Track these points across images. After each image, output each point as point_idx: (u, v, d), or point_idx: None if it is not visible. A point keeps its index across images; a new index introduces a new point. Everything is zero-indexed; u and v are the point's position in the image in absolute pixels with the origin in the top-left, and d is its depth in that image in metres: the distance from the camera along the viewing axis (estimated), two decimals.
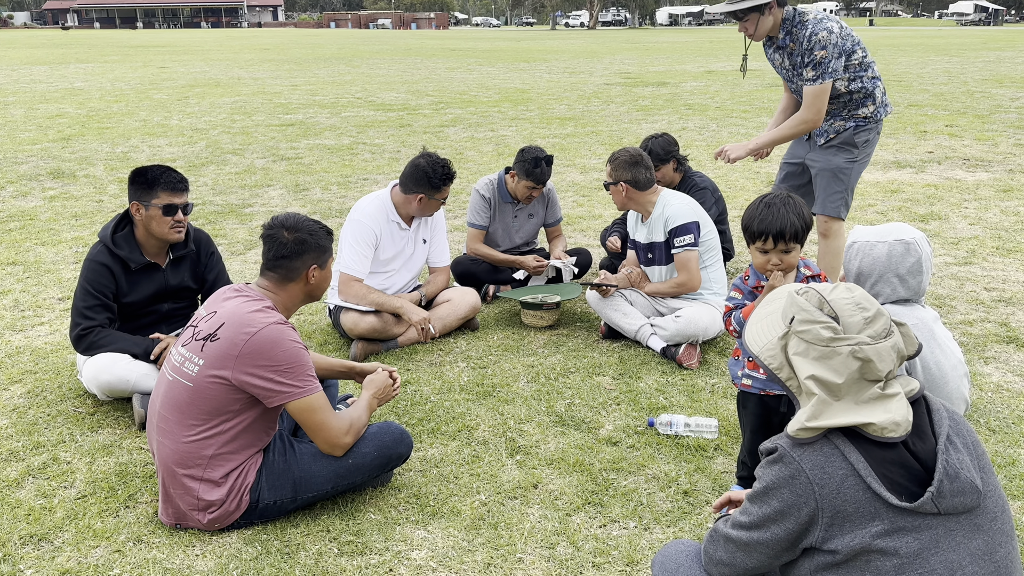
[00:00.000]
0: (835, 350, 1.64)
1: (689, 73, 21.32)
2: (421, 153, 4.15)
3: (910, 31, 63.27)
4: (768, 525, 1.70)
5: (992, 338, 4.15)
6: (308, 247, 2.67)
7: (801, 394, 1.72)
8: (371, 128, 11.77)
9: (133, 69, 23.68)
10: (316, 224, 2.73)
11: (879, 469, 1.61)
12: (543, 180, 4.64)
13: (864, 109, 4.19)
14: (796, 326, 1.69)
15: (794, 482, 1.64)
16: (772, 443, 1.71)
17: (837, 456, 1.63)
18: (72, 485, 2.89)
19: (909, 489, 1.61)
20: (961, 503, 1.60)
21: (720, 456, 3.08)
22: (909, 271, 2.71)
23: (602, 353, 4.05)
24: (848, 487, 1.60)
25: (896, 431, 1.62)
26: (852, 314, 1.67)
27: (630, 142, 10.35)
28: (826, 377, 1.65)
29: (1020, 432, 3.22)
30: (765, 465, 1.72)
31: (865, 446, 1.63)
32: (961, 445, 1.66)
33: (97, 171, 8.62)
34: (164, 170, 3.36)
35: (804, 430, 1.65)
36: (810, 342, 1.67)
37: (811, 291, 1.74)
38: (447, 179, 4.10)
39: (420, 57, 30.26)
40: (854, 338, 1.64)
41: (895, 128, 11.21)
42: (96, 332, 3.34)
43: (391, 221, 4.19)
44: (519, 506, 2.77)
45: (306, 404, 2.53)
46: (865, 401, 1.64)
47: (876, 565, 1.59)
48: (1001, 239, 5.90)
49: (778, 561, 1.75)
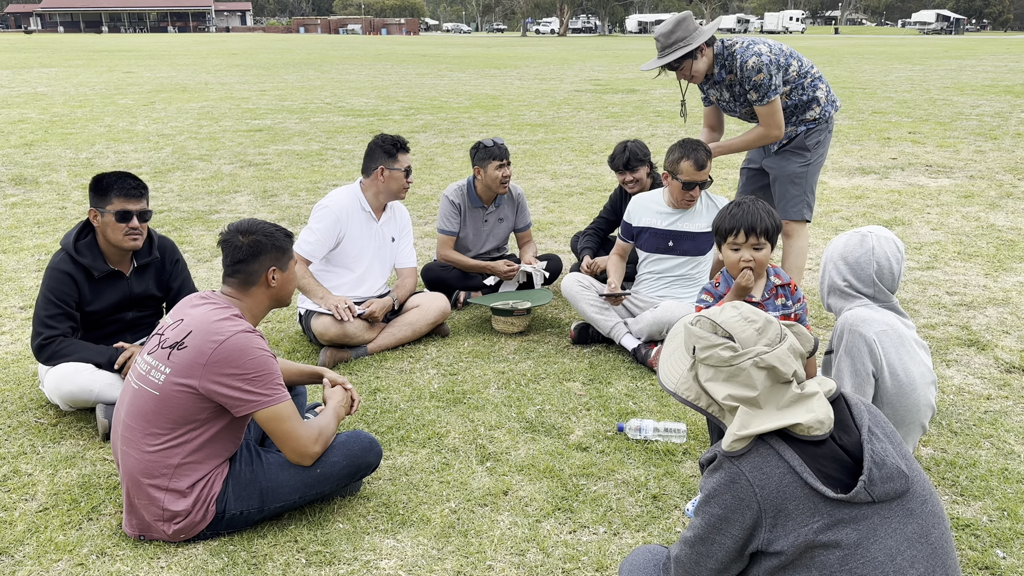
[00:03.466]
0: (739, 367, 1.72)
1: (658, 81, 21.49)
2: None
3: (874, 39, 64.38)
4: (714, 536, 1.74)
5: (954, 341, 4.22)
6: (264, 248, 2.63)
7: (725, 416, 1.79)
8: (340, 134, 11.71)
9: (98, 74, 23.33)
10: (272, 227, 2.70)
11: (813, 465, 1.67)
12: (504, 154, 4.68)
13: (811, 112, 4.31)
14: (699, 354, 1.78)
15: (735, 486, 1.69)
16: (711, 452, 1.77)
17: (773, 456, 1.68)
18: (33, 498, 2.83)
19: (842, 481, 1.68)
20: (892, 489, 1.66)
21: (689, 460, 3.10)
22: (857, 260, 2.76)
23: (572, 359, 4.06)
24: (787, 485, 1.66)
25: (821, 429, 1.70)
26: (743, 329, 1.76)
27: (601, 149, 10.41)
28: (740, 393, 1.73)
29: (981, 434, 3.28)
30: (707, 475, 1.77)
31: (798, 444, 1.70)
32: (882, 435, 1.73)
33: (60, 177, 8.48)
34: (119, 176, 3.30)
35: (737, 441, 1.72)
36: (715, 366, 1.75)
37: (702, 319, 1.82)
38: (398, 145, 4.17)
39: (390, 63, 30.18)
40: (752, 350, 1.73)
41: (859, 135, 11.40)
42: (58, 341, 3.28)
43: (362, 211, 4.20)
44: (489, 513, 2.76)
45: (274, 413, 2.50)
46: (787, 405, 1.71)
47: (821, 560, 1.64)
48: (962, 244, 6.01)
49: (728, 574, 1.78)
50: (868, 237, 2.77)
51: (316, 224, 4.10)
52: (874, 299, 2.78)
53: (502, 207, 4.95)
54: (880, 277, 2.75)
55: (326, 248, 4.10)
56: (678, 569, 1.83)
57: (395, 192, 4.22)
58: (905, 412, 2.74)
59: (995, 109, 14.37)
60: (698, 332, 1.78)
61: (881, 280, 2.75)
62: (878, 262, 2.74)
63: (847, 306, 2.80)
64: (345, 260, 4.18)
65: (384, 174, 4.14)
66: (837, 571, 1.63)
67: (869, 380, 2.68)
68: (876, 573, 1.63)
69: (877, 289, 2.76)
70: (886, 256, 2.75)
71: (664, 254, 4.16)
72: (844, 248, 2.81)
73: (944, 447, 3.18)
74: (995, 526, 2.68)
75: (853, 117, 13.37)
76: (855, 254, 2.77)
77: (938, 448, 3.17)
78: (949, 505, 2.81)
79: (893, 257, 2.77)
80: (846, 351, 2.69)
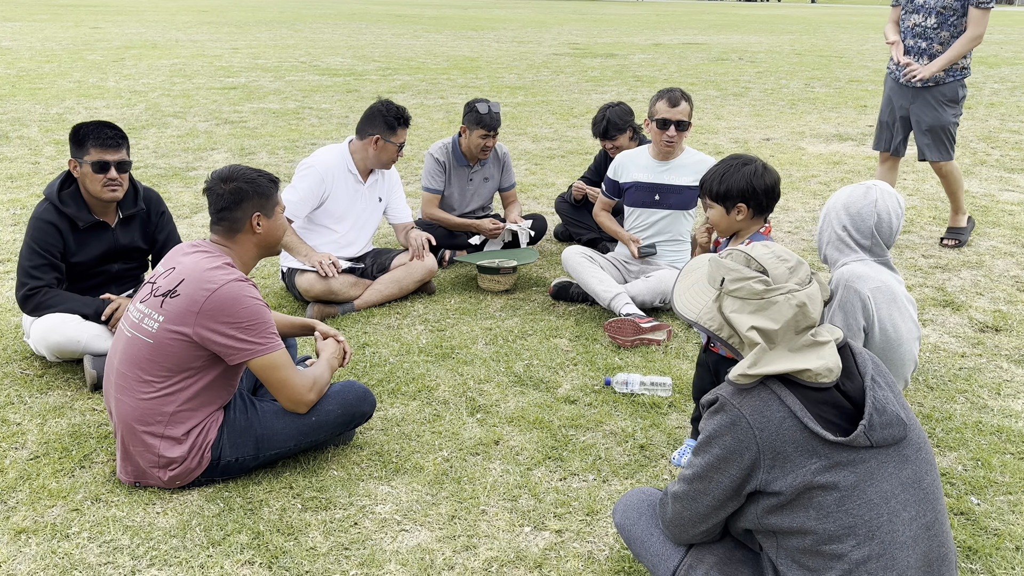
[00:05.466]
0: (770, 300, 1.75)
1: (637, 45, 21.39)
2: (377, 100, 4.16)
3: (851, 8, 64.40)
4: (712, 475, 1.78)
5: (930, 302, 4.33)
6: (246, 195, 2.60)
7: (743, 347, 1.82)
8: (317, 93, 11.54)
9: (64, 29, 22.68)
10: (255, 172, 2.65)
11: (814, 410, 1.72)
12: (493, 126, 4.64)
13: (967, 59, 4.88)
14: (728, 286, 1.80)
15: (735, 428, 1.74)
16: (713, 394, 1.81)
17: (774, 400, 1.73)
18: (24, 446, 2.83)
19: (842, 426, 1.73)
20: (890, 435, 1.72)
21: (674, 413, 3.16)
22: (860, 211, 2.81)
23: (558, 316, 4.10)
24: (786, 428, 1.70)
25: (829, 376, 1.74)
26: (776, 266, 1.79)
27: (581, 112, 10.38)
28: (765, 326, 1.75)
29: (956, 389, 3.38)
30: (708, 416, 1.81)
31: (800, 390, 1.74)
32: (884, 384, 1.79)
33: (31, 132, 8.29)
34: (97, 125, 3.24)
35: (744, 376, 1.75)
36: (745, 298, 1.78)
37: (735, 251, 1.85)
38: (401, 120, 4.11)
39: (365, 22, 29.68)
40: (785, 286, 1.76)
41: (836, 103, 11.48)
42: (44, 292, 3.25)
43: (348, 172, 4.17)
44: (481, 462, 2.81)
45: (268, 361, 2.51)
46: (798, 349, 1.75)
47: (819, 501, 1.69)
48: (937, 209, 6.12)
49: (724, 511, 1.83)
50: (872, 189, 2.81)
51: (300, 183, 4.07)
52: (871, 252, 2.84)
53: (487, 166, 4.94)
54: (879, 230, 2.80)
55: (308, 207, 4.07)
56: (676, 504, 1.88)
57: (383, 163, 4.21)
58: (891, 366, 2.82)
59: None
60: (729, 264, 1.81)
61: (879, 233, 2.81)
62: (879, 214, 2.79)
63: (843, 260, 2.85)
64: (328, 220, 4.16)
65: (378, 144, 4.12)
66: (834, 511, 1.69)
67: (860, 335, 2.75)
68: (871, 514, 1.69)
69: (874, 242, 2.82)
70: (887, 210, 2.80)
71: (651, 208, 4.20)
72: (847, 198, 2.85)
73: (921, 401, 3.28)
74: (969, 475, 2.78)
75: (830, 85, 13.44)
76: (857, 204, 2.82)
77: (915, 402, 3.27)
78: None
79: (894, 212, 2.82)
80: (840, 305, 2.75)
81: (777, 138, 8.88)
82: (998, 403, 3.27)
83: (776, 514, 1.74)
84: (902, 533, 1.71)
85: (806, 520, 1.71)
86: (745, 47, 21.28)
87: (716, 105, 11.13)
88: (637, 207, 4.23)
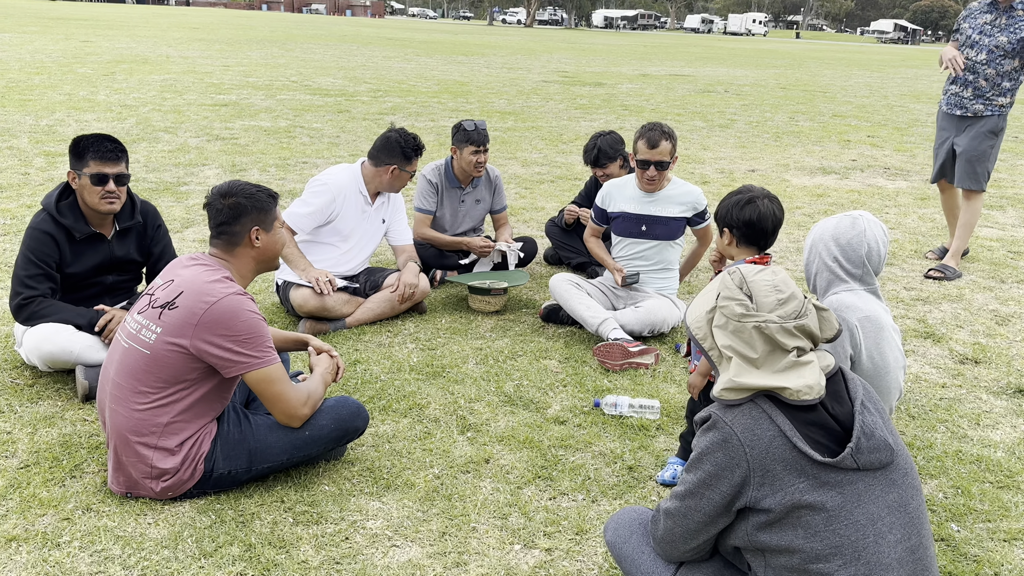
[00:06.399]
0: (743, 325, 1.83)
1: (624, 75, 21.68)
2: (390, 128, 4.24)
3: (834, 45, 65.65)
4: (703, 491, 1.83)
5: (911, 333, 4.41)
6: (244, 210, 2.64)
7: (721, 361, 1.89)
8: (308, 112, 11.61)
9: (54, 41, 22.68)
10: (255, 187, 2.69)
11: (803, 430, 1.78)
12: (482, 141, 4.73)
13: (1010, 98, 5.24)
14: (719, 301, 1.88)
15: (727, 445, 1.79)
16: (706, 412, 1.87)
17: (765, 419, 1.78)
18: (14, 455, 2.82)
19: (830, 448, 1.79)
20: (877, 459, 1.77)
21: (662, 435, 3.21)
22: (849, 242, 2.88)
23: (548, 338, 4.15)
24: (776, 447, 1.76)
25: (810, 394, 1.79)
26: (767, 295, 1.85)
27: (571, 139, 10.51)
28: (740, 349, 1.82)
29: (936, 418, 3.45)
30: (700, 433, 1.87)
31: (789, 410, 1.80)
32: (874, 409, 1.85)
33: (21, 143, 8.28)
34: (97, 138, 3.27)
35: (728, 390, 1.81)
36: (727, 316, 1.86)
37: (737, 272, 1.92)
38: (418, 151, 4.21)
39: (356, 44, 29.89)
40: (762, 316, 1.82)
41: (820, 136, 11.68)
42: (38, 302, 3.25)
43: (358, 193, 4.24)
44: (471, 479, 2.83)
45: (264, 375, 2.54)
46: (781, 369, 1.81)
47: (807, 520, 1.74)
48: (919, 243, 6.24)
49: (715, 528, 1.88)
50: (859, 220, 2.89)
51: (313, 199, 4.12)
52: (861, 281, 2.91)
53: (479, 188, 5.01)
54: (869, 259, 2.88)
55: (315, 223, 4.13)
56: (668, 521, 1.92)
57: (395, 189, 4.33)
58: (878, 393, 2.88)
59: None
60: (728, 282, 1.89)
61: (869, 261, 2.88)
62: (868, 244, 2.87)
63: (833, 289, 2.92)
64: (333, 238, 4.22)
65: (393, 173, 4.21)
66: (821, 531, 1.74)
67: (847, 363, 2.82)
68: (858, 535, 1.74)
69: (865, 271, 2.89)
70: (875, 239, 2.88)
71: (637, 238, 4.26)
72: (835, 229, 2.92)
73: (903, 430, 3.35)
74: (950, 502, 2.84)
75: (814, 119, 13.69)
76: (847, 235, 2.89)
77: (897, 430, 3.33)
78: None
79: (881, 240, 2.90)
80: None
81: (762, 170, 9.03)
82: (977, 433, 3.34)
83: (765, 531, 1.78)
84: (887, 555, 1.76)
85: (794, 539, 1.75)
86: (731, 80, 21.62)
87: (702, 136, 11.30)
88: (624, 237, 4.30)
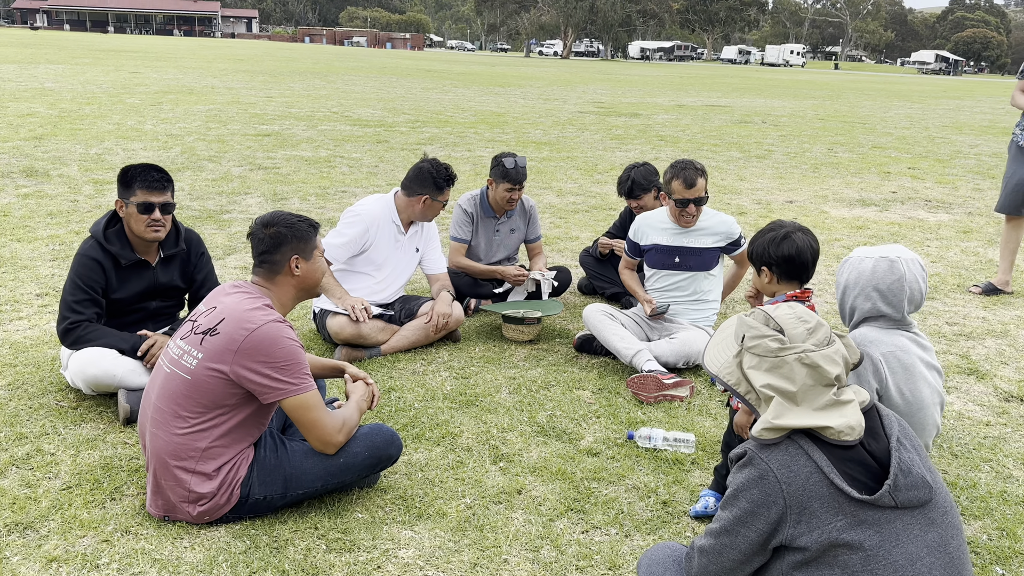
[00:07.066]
0: (783, 359, 1.81)
1: (660, 106, 21.74)
2: (423, 158, 4.29)
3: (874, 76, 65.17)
4: (739, 528, 1.81)
5: (954, 370, 4.32)
6: (285, 239, 2.71)
7: (761, 404, 1.87)
8: (348, 142, 11.82)
9: (105, 72, 23.43)
10: (295, 217, 2.76)
11: (840, 467, 1.75)
12: (519, 180, 4.75)
13: None
14: (747, 342, 1.87)
15: (763, 482, 1.77)
16: (741, 448, 1.85)
17: (802, 455, 1.76)
18: (57, 476, 2.89)
19: (868, 485, 1.76)
20: (915, 496, 1.74)
21: (697, 470, 3.17)
22: (890, 288, 2.78)
23: (581, 368, 4.14)
24: (813, 484, 1.73)
25: (851, 435, 1.77)
26: (795, 326, 1.84)
27: (605, 168, 10.55)
28: (780, 385, 1.80)
29: (980, 457, 3.37)
30: (736, 470, 1.85)
31: (827, 446, 1.77)
32: (910, 446, 1.81)
33: (71, 171, 8.54)
34: (144, 168, 3.38)
35: (768, 430, 1.79)
36: (761, 355, 1.84)
37: (756, 311, 1.92)
38: (450, 181, 4.26)
39: (395, 76, 30.40)
40: (799, 346, 1.81)
41: (860, 168, 11.58)
42: (84, 327, 3.34)
43: (392, 222, 4.30)
44: (503, 510, 2.83)
45: (301, 401, 2.57)
46: (822, 407, 1.79)
47: (844, 560, 1.71)
48: (961, 277, 6.14)
49: (750, 566, 1.85)
50: (898, 263, 2.76)
51: (347, 229, 4.20)
52: (897, 324, 2.81)
53: (514, 218, 5.04)
54: (911, 300, 2.78)
55: (350, 253, 4.20)
56: (702, 559, 1.90)
57: (427, 218, 4.39)
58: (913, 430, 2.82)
59: (993, 149, 14.60)
60: (750, 322, 1.87)
61: (911, 303, 2.78)
62: (910, 287, 2.76)
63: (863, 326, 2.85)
64: (367, 267, 4.28)
65: (426, 203, 4.27)
66: (859, 571, 1.70)
67: (874, 397, 2.76)
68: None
69: (904, 312, 2.80)
70: (915, 279, 2.78)
71: (671, 270, 4.25)
72: (873, 275, 2.78)
73: (945, 469, 3.27)
74: (995, 544, 2.76)
75: (853, 151, 13.57)
76: (886, 281, 2.77)
77: (939, 469, 3.26)
78: None
79: (920, 278, 2.80)
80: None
81: (800, 201, 8.96)
82: (1023, 473, 3.26)
83: (801, 571, 1.75)
84: None
85: None
86: (768, 110, 21.56)
87: (739, 167, 11.26)
88: (658, 269, 4.30)
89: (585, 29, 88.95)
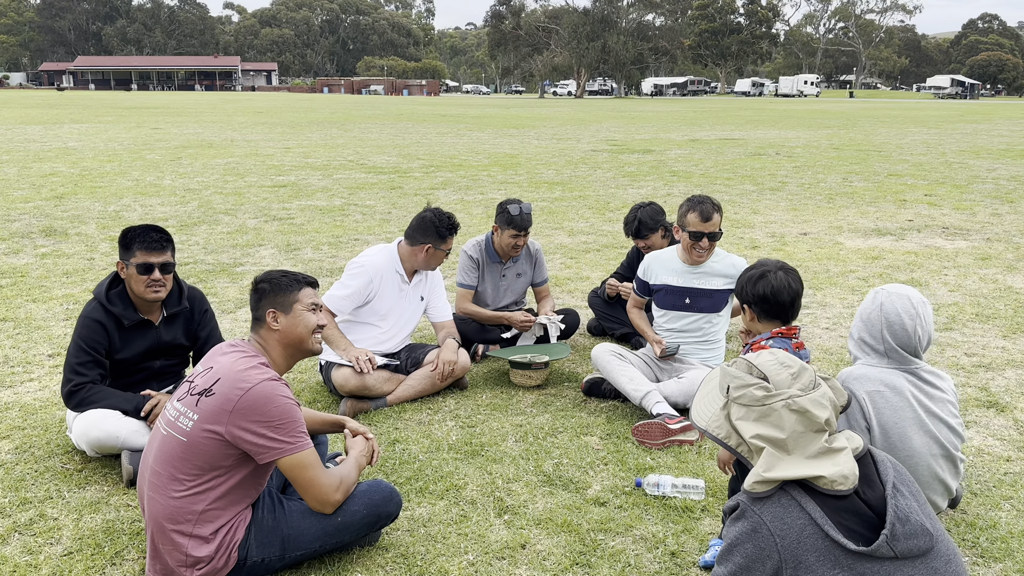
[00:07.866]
0: (771, 407, 1.77)
1: (673, 141, 21.81)
2: (426, 208, 4.30)
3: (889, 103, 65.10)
4: None
5: (973, 403, 4.22)
6: (264, 293, 2.74)
7: (752, 456, 1.82)
8: (362, 190, 11.94)
9: (127, 129, 23.98)
10: (281, 273, 2.78)
11: (835, 517, 1.69)
12: (524, 226, 4.74)
13: None
14: (732, 393, 1.83)
15: (756, 535, 1.72)
16: (734, 501, 1.80)
17: (795, 507, 1.71)
18: (58, 541, 2.88)
19: (864, 535, 1.70)
20: (915, 546, 1.67)
21: (707, 517, 3.10)
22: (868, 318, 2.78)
23: (589, 413, 4.09)
24: (807, 536, 1.68)
25: (845, 484, 1.72)
26: (778, 372, 1.81)
27: (617, 206, 10.55)
28: (769, 434, 1.75)
29: (1001, 495, 3.26)
30: (729, 523, 1.80)
31: (820, 497, 1.72)
32: (907, 492, 1.75)
33: (89, 229, 8.69)
34: (143, 229, 3.42)
35: (760, 483, 1.74)
36: (747, 404, 1.80)
37: (739, 360, 1.88)
38: (452, 230, 4.27)
39: (411, 122, 30.83)
40: (785, 392, 1.78)
41: (875, 197, 11.49)
42: (88, 388, 3.36)
43: (395, 272, 4.31)
44: (507, 567, 2.77)
45: (297, 460, 2.55)
46: (814, 455, 1.74)
47: None
48: (980, 306, 6.02)
49: None
50: (878, 294, 2.79)
51: (350, 281, 4.21)
52: (887, 358, 2.76)
53: (520, 262, 5.04)
54: (892, 335, 2.73)
55: (354, 304, 4.21)
56: None
57: (431, 267, 4.39)
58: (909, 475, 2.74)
59: (1011, 173, 14.45)
60: (733, 372, 1.84)
61: (894, 338, 2.73)
62: (887, 318, 2.72)
63: (857, 363, 2.82)
64: (372, 317, 4.28)
65: (428, 251, 4.28)
66: None
67: (865, 436, 2.70)
68: None
69: (888, 347, 2.74)
70: (896, 312, 2.71)
71: (681, 311, 4.21)
72: (862, 305, 2.85)
73: (964, 507, 3.17)
74: None
75: (869, 179, 13.49)
76: (867, 310, 2.81)
77: (958, 509, 3.16)
78: (970, 567, 2.79)
79: (905, 313, 2.71)
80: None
81: (814, 233, 8.89)
82: None
83: None
84: None
85: None
86: (782, 142, 21.55)
87: (752, 200, 11.22)
88: (668, 309, 4.26)
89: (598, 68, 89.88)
